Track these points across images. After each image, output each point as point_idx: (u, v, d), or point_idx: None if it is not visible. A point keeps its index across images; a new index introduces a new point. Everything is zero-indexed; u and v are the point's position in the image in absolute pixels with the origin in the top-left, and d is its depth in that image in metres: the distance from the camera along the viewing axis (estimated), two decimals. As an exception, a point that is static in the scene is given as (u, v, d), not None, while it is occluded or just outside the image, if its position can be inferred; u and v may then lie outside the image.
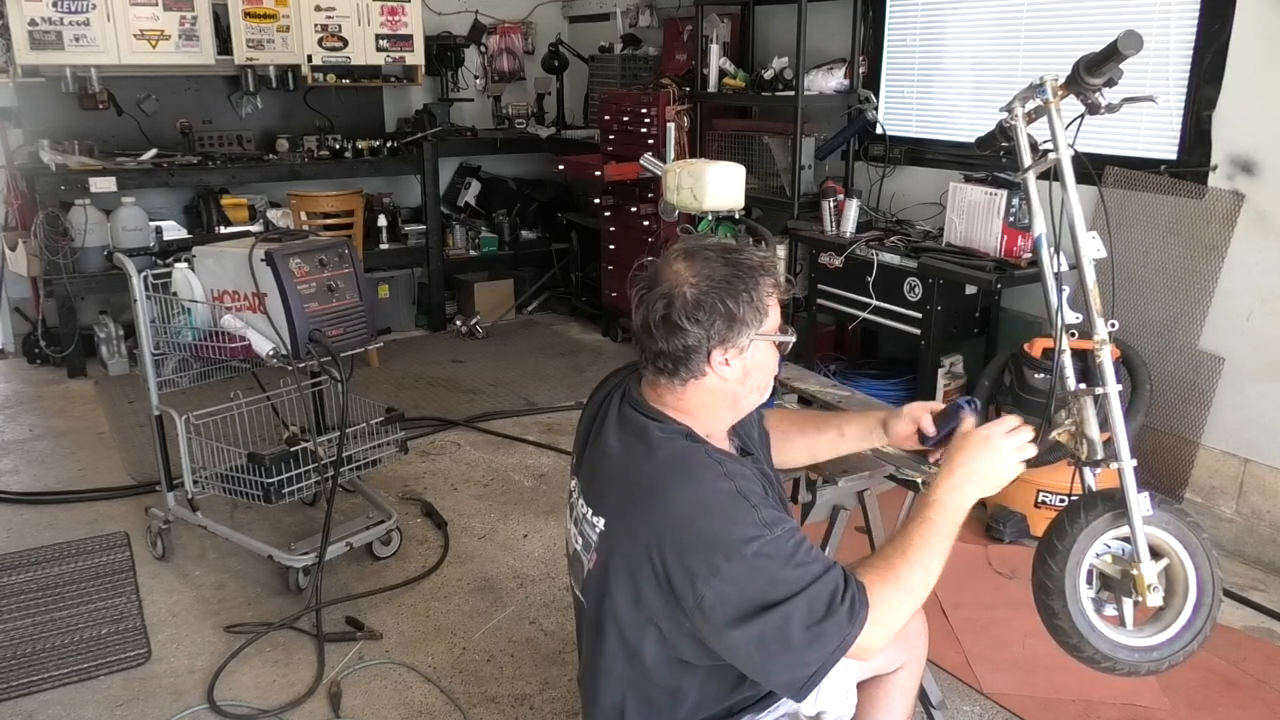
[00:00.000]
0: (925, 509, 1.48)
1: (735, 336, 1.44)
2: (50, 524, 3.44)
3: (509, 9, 6.46)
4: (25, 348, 5.20)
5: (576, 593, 1.60)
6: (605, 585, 1.48)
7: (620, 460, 1.49)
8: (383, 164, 5.72)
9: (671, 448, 1.45)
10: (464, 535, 3.37)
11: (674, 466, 1.43)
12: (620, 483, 1.48)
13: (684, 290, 1.43)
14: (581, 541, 1.55)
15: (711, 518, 1.38)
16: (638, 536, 1.42)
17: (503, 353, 5.45)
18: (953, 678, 2.57)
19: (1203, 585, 1.63)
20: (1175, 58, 3.31)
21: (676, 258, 1.47)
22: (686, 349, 1.44)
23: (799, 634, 1.33)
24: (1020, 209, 3.53)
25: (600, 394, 1.66)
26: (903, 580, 1.41)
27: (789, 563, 1.36)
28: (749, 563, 1.34)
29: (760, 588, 1.34)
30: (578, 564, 1.57)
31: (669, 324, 1.43)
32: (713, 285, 1.43)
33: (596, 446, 1.56)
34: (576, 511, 1.58)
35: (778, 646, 1.34)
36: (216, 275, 2.83)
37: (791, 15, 4.35)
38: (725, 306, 1.42)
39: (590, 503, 1.53)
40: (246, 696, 2.52)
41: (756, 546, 1.35)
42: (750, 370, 1.49)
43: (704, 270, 1.44)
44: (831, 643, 1.34)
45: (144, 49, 4.95)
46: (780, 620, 1.33)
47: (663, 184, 3.29)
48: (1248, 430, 3.21)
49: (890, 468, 1.98)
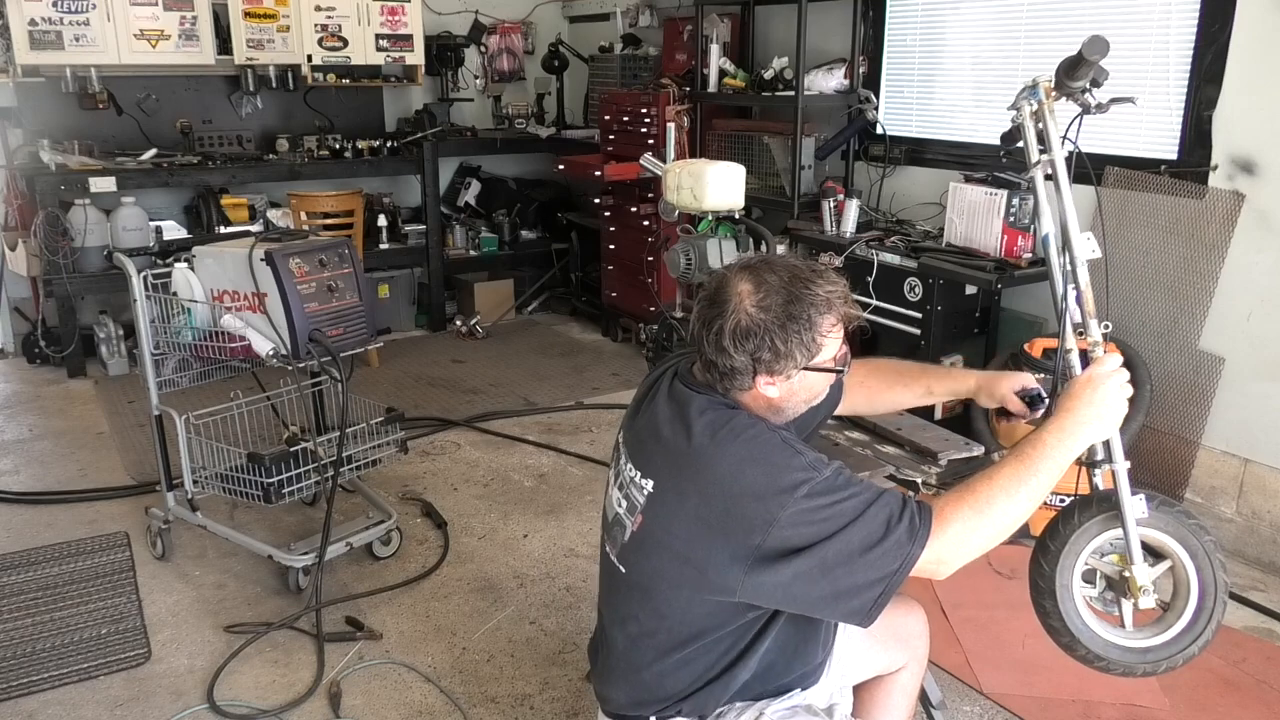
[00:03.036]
0: (1027, 445, 1.48)
1: (782, 367, 1.45)
2: (50, 524, 3.44)
3: (509, 9, 6.46)
4: (25, 348, 5.20)
5: (612, 557, 1.61)
6: (651, 547, 1.50)
7: (669, 425, 1.52)
8: (383, 164, 5.72)
9: (716, 413, 1.48)
10: (464, 535, 3.37)
11: (719, 425, 1.46)
12: (669, 445, 1.50)
13: (739, 316, 1.44)
14: (626, 505, 1.56)
15: (760, 467, 1.40)
16: (686, 494, 1.44)
17: (503, 353, 5.45)
18: (953, 678, 2.57)
19: (1204, 589, 1.62)
20: (1175, 58, 3.31)
21: (742, 276, 1.48)
22: (732, 369, 1.46)
23: (859, 559, 1.35)
24: (1020, 209, 3.53)
25: (656, 372, 1.69)
26: (980, 502, 1.41)
27: (841, 495, 1.38)
28: (801, 504, 1.37)
29: (817, 526, 1.36)
30: (617, 527, 1.58)
31: (718, 345, 1.45)
32: (766, 318, 1.43)
33: (648, 413, 1.59)
34: (622, 475, 1.59)
35: (842, 570, 1.36)
36: (216, 275, 2.83)
37: (791, 15, 4.35)
38: (773, 342, 1.43)
39: (638, 465, 1.55)
40: (246, 696, 2.52)
41: (807, 489, 1.37)
42: (796, 391, 1.50)
43: (764, 299, 1.44)
44: (893, 561, 1.36)
45: (144, 49, 4.95)
46: (840, 549, 1.36)
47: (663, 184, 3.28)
48: (1248, 430, 3.21)
49: (890, 468, 1.98)
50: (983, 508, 1.41)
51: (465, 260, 6.02)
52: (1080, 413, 1.50)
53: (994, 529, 1.42)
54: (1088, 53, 1.57)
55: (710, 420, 1.47)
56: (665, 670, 1.55)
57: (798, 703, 1.61)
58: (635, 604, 1.56)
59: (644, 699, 1.59)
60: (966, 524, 1.40)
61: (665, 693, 1.57)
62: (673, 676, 1.55)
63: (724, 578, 1.42)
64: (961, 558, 1.41)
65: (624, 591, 1.58)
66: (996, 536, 1.43)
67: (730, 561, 1.40)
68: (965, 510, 1.41)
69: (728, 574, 1.41)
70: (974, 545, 1.41)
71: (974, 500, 1.42)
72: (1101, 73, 1.62)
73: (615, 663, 1.62)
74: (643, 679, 1.58)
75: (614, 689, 1.64)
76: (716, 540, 1.41)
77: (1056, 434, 1.48)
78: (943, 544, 1.38)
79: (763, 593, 1.42)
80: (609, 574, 1.63)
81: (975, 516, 1.41)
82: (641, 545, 1.52)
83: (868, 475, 2.02)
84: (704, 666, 1.55)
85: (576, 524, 3.44)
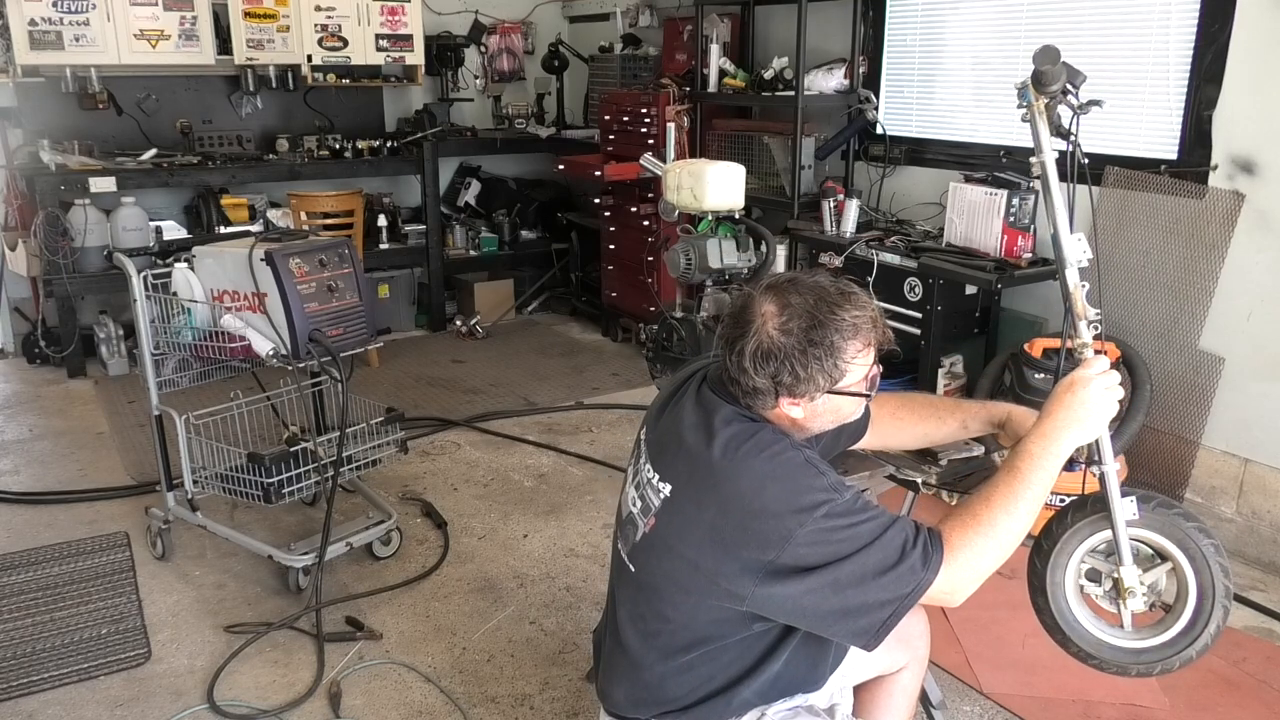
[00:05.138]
0: (1015, 459, 1.48)
1: (804, 390, 1.44)
2: (50, 524, 3.44)
3: (509, 9, 6.46)
4: (25, 348, 5.20)
5: (623, 555, 1.61)
6: (662, 551, 1.50)
7: (692, 432, 1.51)
8: (383, 164, 5.72)
9: (741, 425, 1.48)
10: (464, 535, 3.37)
11: (743, 439, 1.45)
12: (692, 452, 1.49)
13: (760, 338, 1.43)
14: (641, 505, 1.56)
15: (781, 485, 1.40)
16: (704, 505, 1.44)
17: (503, 353, 5.45)
18: (953, 678, 2.57)
19: (1203, 591, 1.62)
20: (1175, 58, 3.31)
21: (767, 296, 1.47)
22: (755, 389, 1.46)
23: (872, 581, 1.36)
24: (1020, 209, 3.53)
25: (685, 372, 1.68)
26: (983, 525, 1.42)
27: (859, 518, 1.39)
28: (820, 524, 1.37)
29: (833, 547, 1.37)
30: (630, 526, 1.58)
31: (740, 365, 1.45)
32: (788, 341, 1.42)
33: (672, 415, 1.58)
34: (640, 475, 1.59)
35: (854, 591, 1.36)
36: (216, 275, 2.83)
37: (791, 15, 4.35)
38: (793, 367, 1.42)
39: (658, 468, 1.54)
40: (246, 696, 2.52)
41: (826, 509, 1.37)
42: (820, 413, 1.50)
43: (786, 322, 1.43)
44: (906, 585, 1.37)
45: (144, 49, 4.95)
46: (855, 570, 1.36)
47: (663, 184, 3.29)
48: (1248, 430, 3.21)
49: (890, 468, 1.98)
50: (986, 530, 1.42)
51: (465, 260, 6.02)
52: (1060, 416, 1.50)
53: (1000, 549, 1.43)
54: (1038, 63, 1.58)
55: (735, 433, 1.46)
56: (667, 673, 1.55)
57: (799, 703, 1.61)
58: (642, 603, 1.56)
59: (644, 699, 1.59)
60: (974, 549, 1.41)
61: (665, 696, 1.57)
62: (674, 681, 1.55)
63: (734, 586, 1.42)
64: (973, 583, 1.42)
65: (632, 590, 1.58)
66: (1004, 555, 1.44)
67: (741, 573, 1.40)
68: (970, 535, 1.41)
69: (738, 584, 1.41)
70: (984, 568, 1.42)
71: (976, 524, 1.42)
72: (1075, 74, 1.63)
73: (619, 658, 1.62)
74: (644, 678, 1.58)
75: (616, 685, 1.64)
76: (730, 553, 1.41)
77: (1040, 442, 1.48)
78: (954, 572, 1.39)
79: (771, 605, 1.42)
80: (619, 570, 1.64)
81: (981, 540, 1.41)
82: (653, 547, 1.52)
83: (868, 475, 2.02)
84: (705, 676, 1.54)
85: (576, 524, 3.44)
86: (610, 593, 1.70)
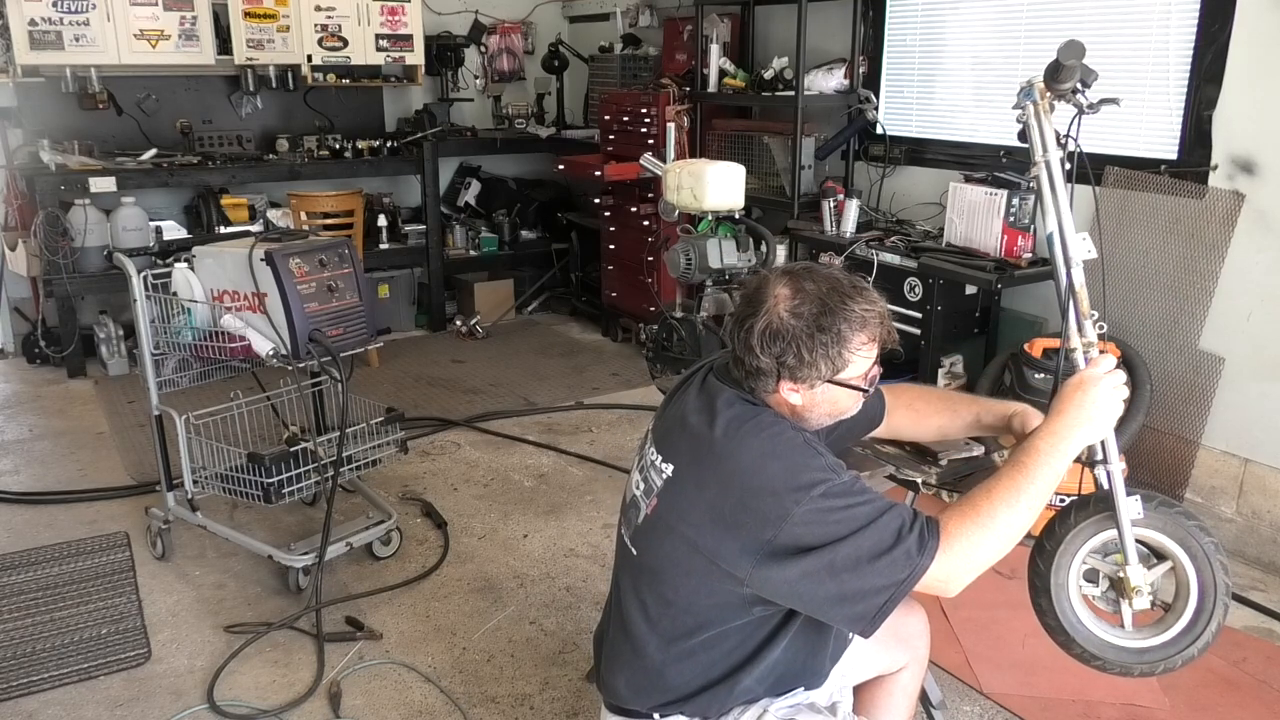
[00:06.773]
0: (1021, 454, 1.48)
1: (806, 375, 1.46)
2: (50, 524, 3.44)
3: (509, 9, 6.46)
4: (25, 348, 5.20)
5: (626, 540, 1.62)
6: (663, 531, 1.51)
7: (695, 414, 1.54)
8: (383, 164, 5.72)
9: (742, 407, 1.50)
10: (464, 535, 3.37)
11: (745, 419, 1.48)
12: (694, 432, 1.52)
13: (770, 318, 1.46)
14: (643, 487, 1.58)
15: (780, 462, 1.42)
16: (705, 484, 1.46)
17: (503, 353, 5.45)
18: (953, 678, 2.57)
19: (1204, 590, 1.62)
20: (1175, 58, 3.31)
21: (782, 280, 1.49)
22: (758, 369, 1.48)
23: (868, 565, 1.36)
24: (1020, 209, 3.53)
25: (693, 367, 1.71)
26: (983, 516, 1.42)
27: (856, 500, 1.40)
28: (817, 503, 1.38)
29: (830, 527, 1.38)
30: (633, 510, 1.60)
31: (746, 343, 1.47)
32: (797, 324, 1.45)
33: (678, 403, 1.61)
34: (645, 459, 1.61)
35: (850, 575, 1.37)
36: (216, 275, 2.83)
37: (791, 15, 4.35)
38: (799, 349, 1.44)
39: (661, 450, 1.57)
40: (246, 696, 2.52)
41: (824, 489, 1.39)
42: (818, 403, 1.51)
43: (798, 306, 1.46)
44: (902, 571, 1.37)
45: (144, 49, 4.95)
46: (850, 553, 1.37)
47: (663, 184, 3.29)
48: (1248, 430, 3.21)
49: (890, 467, 1.98)
50: (985, 522, 1.42)
51: (465, 260, 6.02)
52: (1071, 415, 1.50)
53: (999, 542, 1.43)
54: (1063, 57, 1.58)
55: (737, 413, 1.49)
56: (669, 660, 1.56)
57: (800, 700, 1.61)
58: (644, 588, 1.57)
59: (645, 687, 1.59)
60: (971, 539, 1.40)
61: (667, 684, 1.57)
62: (675, 668, 1.56)
63: (733, 567, 1.43)
64: (969, 573, 1.42)
65: (634, 574, 1.60)
66: (1003, 549, 1.43)
67: (740, 553, 1.41)
68: (969, 525, 1.41)
69: (737, 564, 1.42)
70: (981, 560, 1.42)
71: (976, 515, 1.42)
72: (1089, 73, 1.63)
73: (622, 646, 1.62)
74: (646, 666, 1.58)
75: (617, 675, 1.64)
76: (729, 532, 1.42)
77: (1049, 439, 1.48)
78: (950, 560, 1.39)
79: (769, 587, 1.42)
80: (622, 556, 1.65)
81: (979, 531, 1.41)
82: (654, 529, 1.53)
83: (867, 474, 2.02)
84: (707, 663, 1.55)
85: (576, 524, 3.44)
86: (614, 582, 1.71)
